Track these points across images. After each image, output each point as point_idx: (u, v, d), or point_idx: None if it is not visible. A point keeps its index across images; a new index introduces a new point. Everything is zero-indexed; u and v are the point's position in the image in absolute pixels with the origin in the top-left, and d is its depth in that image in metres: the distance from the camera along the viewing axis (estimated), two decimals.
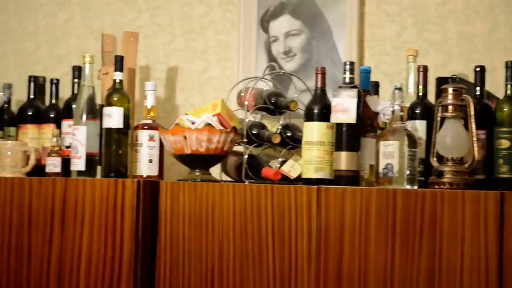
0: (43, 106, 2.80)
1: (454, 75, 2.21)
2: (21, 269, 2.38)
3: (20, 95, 3.02)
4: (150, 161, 2.48)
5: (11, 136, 2.80)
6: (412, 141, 2.10)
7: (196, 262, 2.23)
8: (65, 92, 2.86)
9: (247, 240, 2.18)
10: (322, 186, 2.11)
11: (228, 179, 2.56)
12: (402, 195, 2.01)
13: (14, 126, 2.81)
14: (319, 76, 2.26)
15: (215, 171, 2.46)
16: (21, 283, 2.38)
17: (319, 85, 2.26)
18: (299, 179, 2.31)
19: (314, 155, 2.22)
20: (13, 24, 3.20)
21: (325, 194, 2.09)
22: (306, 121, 2.24)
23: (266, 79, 2.52)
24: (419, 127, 2.22)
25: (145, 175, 2.47)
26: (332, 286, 2.06)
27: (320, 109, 2.22)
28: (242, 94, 2.52)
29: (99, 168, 2.50)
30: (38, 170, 2.61)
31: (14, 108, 2.90)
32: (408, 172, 2.08)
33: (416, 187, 2.09)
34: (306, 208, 2.11)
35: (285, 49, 2.75)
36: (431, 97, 2.31)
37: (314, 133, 2.22)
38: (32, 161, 2.57)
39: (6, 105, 2.78)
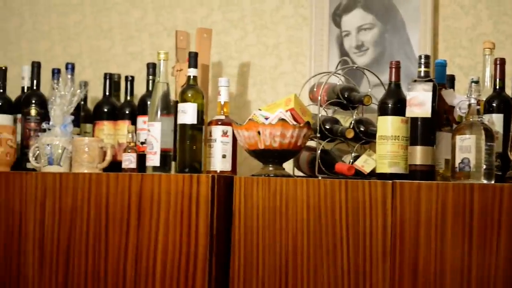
0: (118, 103, 2.85)
1: None
2: (99, 262, 2.43)
3: (95, 92, 3.08)
4: (224, 156, 2.50)
5: (87, 133, 2.86)
6: (489, 135, 2.07)
7: (270, 255, 2.24)
8: (139, 89, 2.90)
9: (321, 234, 2.18)
10: (397, 181, 2.10)
11: (301, 174, 2.56)
12: (479, 190, 1.98)
13: (90, 123, 2.87)
14: (394, 70, 2.25)
15: (287, 166, 2.47)
16: (98, 276, 2.42)
17: (393, 79, 2.24)
18: (373, 174, 2.30)
19: (388, 150, 2.21)
20: (88, 22, 3.26)
21: (400, 189, 2.07)
22: (380, 115, 2.23)
23: (339, 73, 2.51)
24: (496, 121, 2.19)
25: (218, 171, 2.49)
26: (408, 282, 2.05)
27: (394, 103, 2.21)
28: (315, 89, 2.52)
29: (173, 163, 2.53)
30: (114, 166, 2.66)
31: (90, 105, 2.96)
32: (485, 166, 2.06)
33: (493, 182, 2.06)
34: (381, 203, 2.10)
35: (357, 43, 2.73)
36: (508, 91, 2.27)
37: (388, 127, 2.21)
38: (108, 157, 2.62)
39: (82, 102, 2.83)
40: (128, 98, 2.82)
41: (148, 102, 2.62)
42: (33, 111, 2.76)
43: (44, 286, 2.49)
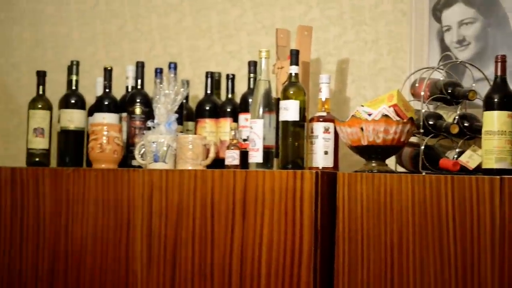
0: (220, 101, 2.90)
1: None
2: (205, 258, 2.48)
3: (195, 91, 3.14)
4: (326, 153, 2.52)
5: (189, 131, 2.92)
6: None
7: (375, 250, 2.25)
8: (238, 87, 2.95)
9: (426, 230, 2.18)
10: (505, 176, 2.08)
11: (403, 170, 2.56)
12: None
13: (192, 121, 2.93)
14: (499, 64, 2.23)
15: (389, 162, 2.47)
16: (205, 271, 2.47)
17: (499, 73, 2.22)
18: (477, 170, 2.28)
19: (494, 145, 2.19)
20: (188, 22, 3.33)
21: (509, 184, 2.06)
22: (485, 110, 2.21)
23: (442, 69, 2.50)
24: None
25: (320, 167, 2.52)
26: None
27: (500, 98, 2.19)
28: (417, 85, 2.52)
29: (275, 160, 2.56)
30: (217, 162, 2.71)
31: (190, 103, 3.02)
32: None
33: None
34: (488, 198, 2.09)
35: (459, 38, 2.71)
36: None
37: (495, 122, 2.19)
38: (212, 154, 2.67)
39: (184, 101, 2.89)
40: (229, 96, 2.86)
41: (250, 100, 2.66)
42: (138, 110, 2.83)
43: (152, 281, 2.56)
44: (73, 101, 2.90)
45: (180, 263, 2.51)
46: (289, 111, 2.50)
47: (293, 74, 2.54)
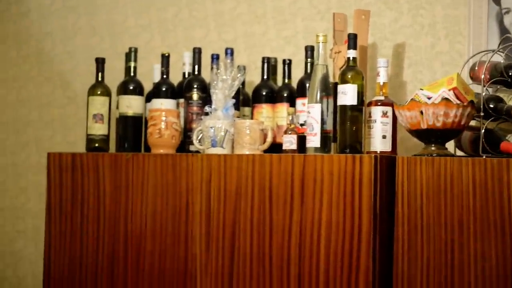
0: (276, 86, 2.91)
1: None
2: (264, 241, 2.49)
3: (250, 77, 3.15)
4: (384, 137, 2.52)
5: (246, 116, 2.93)
6: None
7: (435, 233, 2.24)
8: (293, 73, 2.95)
9: (488, 212, 2.16)
10: None
11: (462, 154, 2.55)
12: None
13: (248, 106, 2.95)
14: None
15: (448, 146, 2.46)
16: (263, 254, 2.49)
17: None
18: None
19: None
20: (243, 8, 3.34)
21: None
22: None
23: (502, 51, 2.48)
24: None
25: (378, 151, 2.51)
26: None
27: None
28: (476, 68, 2.49)
29: (332, 145, 2.57)
30: (273, 147, 2.72)
31: (246, 89, 3.04)
32: None
33: None
34: None
35: None
36: None
37: None
38: (269, 139, 2.68)
39: (240, 86, 2.91)
40: (286, 81, 2.87)
41: (307, 85, 2.66)
42: (195, 96, 2.85)
43: (211, 264, 2.58)
44: (131, 87, 2.94)
45: (238, 246, 2.53)
46: (347, 95, 2.50)
47: (351, 58, 2.54)
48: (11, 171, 3.92)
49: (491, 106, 2.39)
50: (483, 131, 2.35)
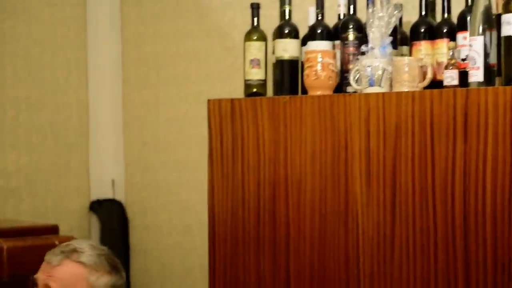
0: (435, 22, 2.83)
1: None
2: (426, 177, 2.45)
3: (408, 16, 3.07)
4: None
5: (404, 55, 2.87)
6: None
7: None
8: (452, 8, 2.85)
9: None
10: None
11: None
12: None
13: (406, 45, 2.88)
14: None
15: None
16: (426, 189, 2.45)
17: None
18: None
19: None
20: None
21: None
22: None
23: None
24: None
25: None
26: None
27: None
28: None
29: (497, 79, 2.47)
30: (433, 84, 2.65)
31: (404, 28, 2.97)
32: None
33: None
34: None
35: None
36: None
37: None
38: (429, 75, 2.61)
39: (398, 25, 2.84)
40: (445, 16, 2.78)
41: (468, 17, 2.57)
42: (351, 36, 2.82)
43: (372, 202, 2.56)
44: (286, 31, 2.94)
45: (400, 182, 2.50)
46: None
47: None
48: (172, 124, 4.03)
49: None
50: None
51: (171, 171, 4.04)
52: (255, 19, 3.01)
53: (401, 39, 2.88)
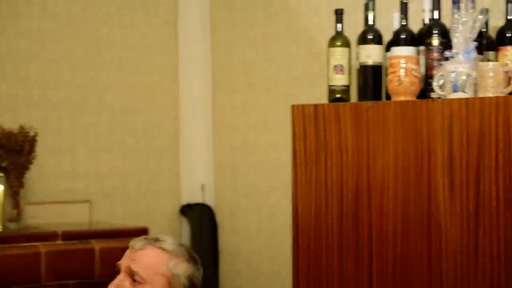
0: None
1: None
2: (510, 187, 2.40)
3: (495, 21, 3.02)
4: None
5: (490, 60, 2.82)
6: None
7: None
8: None
9: None
10: None
11: None
12: None
13: (492, 50, 2.84)
14: None
15: None
16: (511, 198, 2.41)
17: None
18: None
19: None
20: None
21: None
22: None
23: None
24: None
25: None
26: None
27: None
28: None
29: None
30: None
31: (491, 33, 2.92)
32: None
33: None
34: None
35: None
36: None
37: None
38: None
39: (484, 30, 2.81)
40: None
41: None
42: (435, 41, 2.79)
43: (455, 209, 2.54)
44: (370, 37, 2.93)
45: (483, 190, 2.47)
46: None
47: None
48: (261, 128, 4.08)
49: None
50: None
51: (259, 175, 4.09)
52: (339, 25, 3.02)
53: (487, 44, 2.84)
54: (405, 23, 2.90)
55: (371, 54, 2.92)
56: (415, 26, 2.95)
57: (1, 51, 3.79)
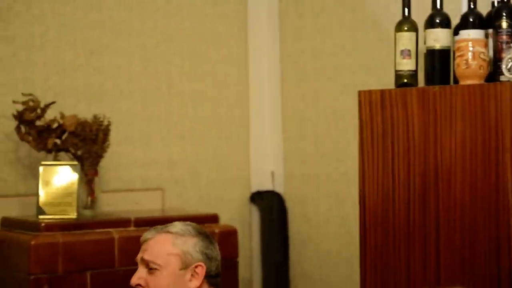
0: None
1: None
2: None
3: None
4: None
5: None
6: None
7: None
8: None
9: None
10: None
11: None
12: None
13: None
14: None
15: None
16: None
17: None
18: None
19: None
20: None
21: None
22: None
23: None
24: None
25: None
26: None
27: None
28: None
29: None
30: None
31: None
32: None
33: None
34: None
35: None
36: None
37: None
38: None
39: None
40: None
41: None
42: (504, 24, 2.76)
43: None
44: (438, 21, 2.91)
45: None
46: None
47: None
48: (330, 116, 4.08)
49: None
50: None
51: (329, 163, 4.09)
52: (406, 9, 3.00)
53: None
54: (473, 6, 2.87)
55: (439, 38, 2.90)
56: (483, 9, 2.92)
57: (76, 42, 3.88)
